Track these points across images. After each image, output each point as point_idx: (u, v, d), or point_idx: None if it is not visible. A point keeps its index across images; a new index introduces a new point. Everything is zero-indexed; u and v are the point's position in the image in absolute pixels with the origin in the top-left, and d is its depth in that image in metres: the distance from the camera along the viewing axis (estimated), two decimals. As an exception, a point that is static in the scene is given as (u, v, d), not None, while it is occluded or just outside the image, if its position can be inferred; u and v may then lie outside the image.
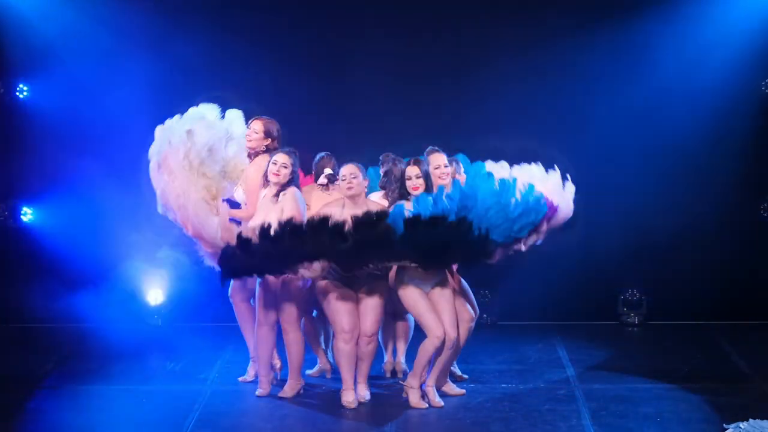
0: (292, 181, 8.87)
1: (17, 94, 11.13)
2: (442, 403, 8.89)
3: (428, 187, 8.84)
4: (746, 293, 11.28)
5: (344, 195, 8.88)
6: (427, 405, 8.85)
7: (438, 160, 9.14)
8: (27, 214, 11.30)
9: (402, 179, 8.87)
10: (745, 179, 11.23)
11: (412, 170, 8.84)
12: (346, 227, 8.35)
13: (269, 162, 8.88)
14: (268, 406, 8.92)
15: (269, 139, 9.21)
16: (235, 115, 9.39)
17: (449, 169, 9.18)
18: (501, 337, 11.00)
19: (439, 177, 9.08)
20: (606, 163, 11.18)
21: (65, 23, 11.01)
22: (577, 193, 11.04)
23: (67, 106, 11.11)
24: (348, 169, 8.89)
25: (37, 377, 9.61)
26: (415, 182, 8.82)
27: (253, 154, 9.22)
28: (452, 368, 9.38)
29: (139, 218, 10.77)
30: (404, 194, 8.82)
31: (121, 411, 8.87)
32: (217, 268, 8.77)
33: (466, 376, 9.52)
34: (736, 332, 10.99)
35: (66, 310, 11.09)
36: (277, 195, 8.84)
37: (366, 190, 9.01)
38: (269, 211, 8.79)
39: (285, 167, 8.84)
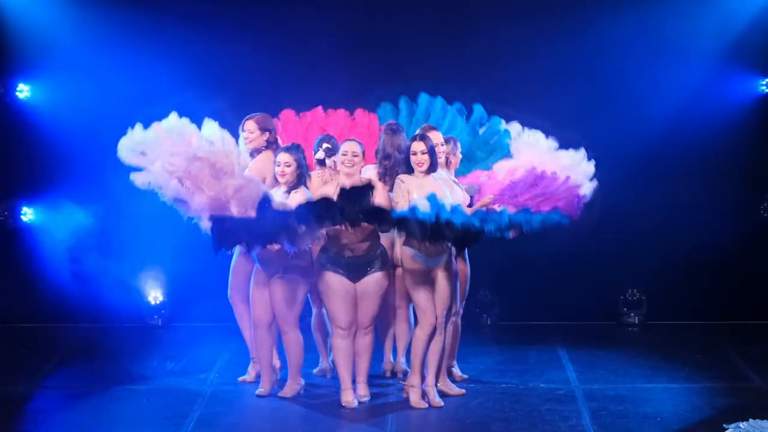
0: (301, 180, 8.87)
1: (17, 94, 11.13)
2: (442, 403, 8.87)
3: (433, 163, 8.80)
4: (746, 293, 11.28)
5: (342, 172, 8.80)
6: (427, 405, 8.83)
7: (434, 138, 9.03)
8: (27, 214, 11.29)
9: (387, 150, 8.87)
10: (745, 179, 11.23)
11: (418, 146, 8.78)
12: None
13: (274, 163, 8.90)
14: (268, 406, 8.92)
15: (267, 132, 9.22)
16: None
17: (444, 148, 9.13)
18: (501, 337, 11.00)
19: None
20: (605, 163, 11.15)
21: (65, 23, 11.00)
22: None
23: (67, 106, 11.11)
24: (350, 146, 8.81)
25: (37, 377, 9.62)
26: (419, 158, 8.77)
27: (256, 152, 9.23)
28: (452, 368, 9.39)
29: (139, 217, 10.78)
30: (408, 169, 8.80)
31: (121, 411, 8.87)
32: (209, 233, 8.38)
33: (465, 376, 9.50)
34: (736, 332, 10.99)
35: (66, 310, 11.09)
36: (288, 193, 8.83)
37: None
38: None
39: (288, 165, 8.81)
